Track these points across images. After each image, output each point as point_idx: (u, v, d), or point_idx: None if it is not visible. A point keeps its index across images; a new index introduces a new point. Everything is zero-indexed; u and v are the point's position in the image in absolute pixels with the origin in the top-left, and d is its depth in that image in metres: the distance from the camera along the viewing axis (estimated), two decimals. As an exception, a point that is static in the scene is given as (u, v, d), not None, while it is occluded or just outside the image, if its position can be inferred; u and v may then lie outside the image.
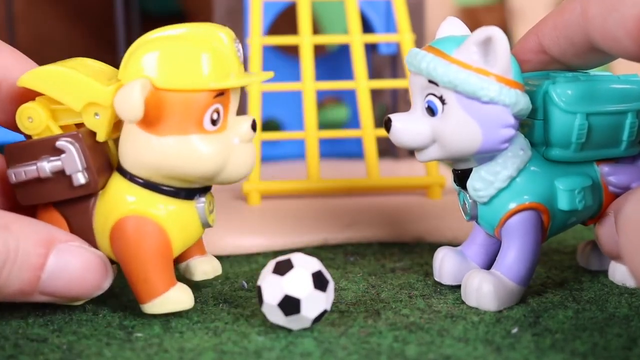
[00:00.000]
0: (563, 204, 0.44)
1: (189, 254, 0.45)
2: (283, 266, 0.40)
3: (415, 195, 0.59)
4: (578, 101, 0.43)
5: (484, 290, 0.43)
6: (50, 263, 0.40)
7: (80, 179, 0.41)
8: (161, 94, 0.39)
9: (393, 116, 0.43)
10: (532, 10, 1.01)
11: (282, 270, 0.39)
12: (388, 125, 0.43)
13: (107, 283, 0.42)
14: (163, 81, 0.39)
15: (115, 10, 0.72)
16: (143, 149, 0.40)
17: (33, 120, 0.41)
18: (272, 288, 0.39)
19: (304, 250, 0.53)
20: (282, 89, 0.62)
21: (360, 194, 0.59)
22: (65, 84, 0.41)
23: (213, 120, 0.40)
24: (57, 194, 0.41)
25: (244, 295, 0.45)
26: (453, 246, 0.47)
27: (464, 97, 0.41)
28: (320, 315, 0.40)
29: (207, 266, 0.45)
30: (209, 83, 0.39)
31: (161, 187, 0.41)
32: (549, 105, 0.43)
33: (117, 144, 0.41)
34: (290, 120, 0.75)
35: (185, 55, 0.39)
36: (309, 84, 0.60)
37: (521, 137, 0.43)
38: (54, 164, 0.41)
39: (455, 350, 0.38)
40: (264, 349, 0.39)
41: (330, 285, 0.40)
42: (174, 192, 0.41)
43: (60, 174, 0.41)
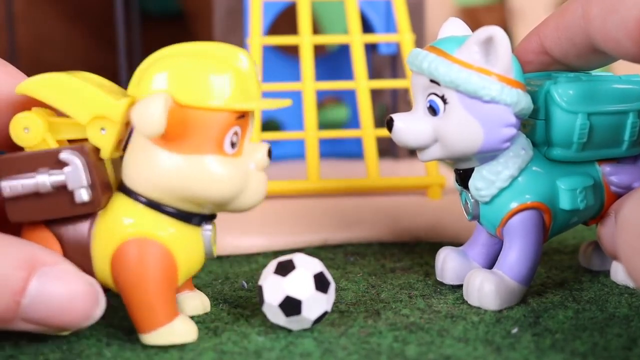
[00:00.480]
0: (565, 203, 0.44)
1: (179, 289, 0.42)
2: (285, 267, 0.39)
3: (415, 195, 0.59)
4: (579, 101, 0.43)
5: (485, 290, 0.43)
6: (31, 288, 0.36)
7: (83, 195, 0.38)
8: (183, 111, 0.37)
9: (395, 116, 0.43)
10: (532, 10, 1.01)
11: (284, 270, 0.39)
12: (390, 124, 0.43)
13: (98, 312, 0.38)
14: (186, 97, 0.37)
15: (115, 10, 0.72)
16: (156, 166, 0.38)
17: (30, 131, 0.38)
18: (274, 288, 0.39)
19: (304, 251, 0.53)
20: (282, 89, 0.62)
21: (360, 194, 0.59)
22: (72, 93, 0.38)
23: (232, 143, 0.38)
24: (56, 210, 0.38)
25: (244, 295, 0.45)
26: (454, 246, 0.48)
27: (465, 97, 0.41)
28: (321, 317, 0.40)
29: (197, 301, 0.43)
30: (233, 103, 0.38)
31: (168, 210, 0.39)
32: (550, 105, 0.43)
33: (115, 163, 0.40)
34: (290, 120, 0.75)
35: (210, 73, 0.38)
36: (309, 84, 0.60)
37: (523, 137, 0.43)
38: (56, 178, 0.38)
39: (455, 350, 0.38)
40: (264, 349, 0.39)
41: (332, 287, 0.40)
42: (181, 216, 0.39)
43: (61, 189, 0.38)
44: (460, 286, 0.46)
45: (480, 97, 0.41)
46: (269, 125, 0.77)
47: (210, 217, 0.40)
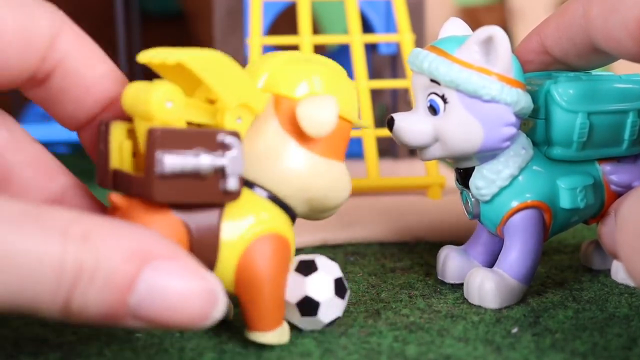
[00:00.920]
0: (565, 202, 0.44)
1: None
2: (307, 266, 0.39)
3: (415, 195, 0.59)
4: (579, 100, 0.43)
5: (486, 288, 0.43)
6: (141, 283, 0.33)
7: (233, 183, 0.35)
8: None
9: (396, 115, 0.43)
10: (532, 10, 1.01)
11: (306, 270, 0.39)
12: (391, 124, 0.43)
13: (218, 313, 0.34)
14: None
15: (115, 10, 0.72)
16: (296, 164, 0.38)
17: (173, 105, 0.35)
18: (294, 286, 0.39)
19: (304, 251, 0.53)
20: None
21: (360, 194, 0.59)
22: (230, 75, 0.36)
23: None
24: (203, 195, 0.35)
25: (244, 295, 0.45)
26: (454, 245, 0.48)
27: (465, 96, 0.41)
28: (333, 321, 0.40)
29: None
30: (356, 118, 0.40)
31: (289, 208, 0.38)
32: (550, 105, 0.43)
33: None
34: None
35: (351, 87, 0.40)
36: (309, 84, 0.60)
37: (523, 136, 0.44)
38: (217, 160, 0.35)
39: (455, 350, 0.38)
40: (264, 348, 0.39)
41: (348, 294, 0.40)
42: (292, 215, 0.39)
43: (216, 173, 0.35)
44: (460, 286, 0.46)
45: (480, 97, 0.41)
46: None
47: None
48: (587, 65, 0.44)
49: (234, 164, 0.35)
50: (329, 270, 0.39)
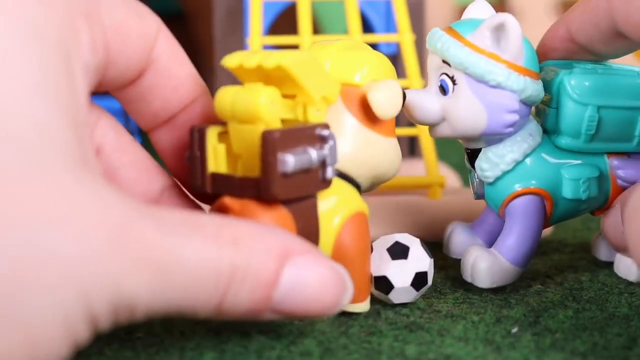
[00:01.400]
0: (567, 192, 0.45)
1: None
2: (399, 251, 0.42)
3: (415, 195, 0.59)
4: (591, 93, 0.44)
5: (478, 267, 0.44)
6: (284, 279, 0.35)
7: (330, 172, 0.38)
8: None
9: (408, 91, 0.44)
10: (532, 10, 1.01)
11: (396, 254, 0.42)
12: (403, 100, 0.44)
13: (346, 299, 0.37)
14: None
15: (116, 10, 0.72)
16: (367, 146, 0.41)
17: (274, 106, 0.38)
18: (380, 263, 0.42)
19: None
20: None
21: (360, 193, 0.59)
22: (314, 70, 0.39)
23: None
24: (310, 187, 0.38)
25: (244, 295, 0.45)
26: (461, 222, 0.49)
27: (473, 80, 0.42)
28: (421, 277, 0.43)
29: None
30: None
31: (358, 185, 0.41)
32: (562, 95, 0.44)
33: None
34: (290, 120, 0.75)
35: (394, 71, 0.42)
36: (309, 84, 0.60)
37: (533, 123, 0.44)
38: (321, 153, 0.38)
39: (455, 349, 0.38)
40: (265, 348, 0.39)
41: (427, 287, 0.43)
42: (360, 192, 0.42)
43: (319, 165, 0.38)
44: (460, 285, 0.46)
45: (487, 82, 0.42)
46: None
47: None
48: (612, 51, 0.45)
49: (332, 154, 0.38)
50: (417, 260, 0.42)
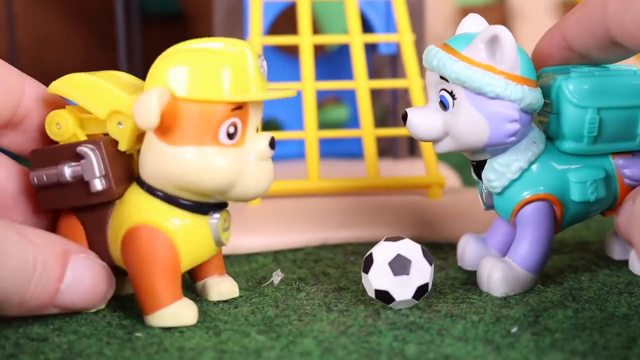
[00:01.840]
0: (575, 195, 0.45)
1: (207, 273, 0.45)
2: (399, 265, 0.41)
3: (415, 195, 0.59)
4: (589, 96, 0.44)
5: (493, 277, 0.44)
6: (67, 275, 0.40)
7: (97, 185, 0.41)
8: (179, 104, 0.39)
9: (409, 110, 0.45)
10: (532, 10, 1.01)
11: (397, 269, 0.41)
12: (405, 118, 0.45)
13: (111, 293, 0.42)
14: (182, 91, 0.39)
15: (115, 10, 0.72)
16: (159, 158, 0.40)
17: (61, 127, 0.42)
18: (381, 275, 0.41)
19: (304, 250, 0.53)
20: (282, 88, 0.62)
21: (360, 193, 0.59)
22: (91, 91, 0.41)
23: (229, 134, 0.40)
24: (76, 199, 0.42)
25: (244, 295, 0.45)
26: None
27: (471, 93, 0.43)
28: (422, 288, 0.42)
29: (224, 287, 0.44)
30: (226, 95, 0.39)
31: (175, 200, 0.41)
32: (561, 100, 0.44)
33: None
34: (290, 120, 0.75)
35: (205, 67, 0.39)
36: (309, 84, 0.60)
37: (535, 130, 0.45)
38: (74, 169, 0.41)
39: (454, 349, 0.38)
40: (264, 348, 0.39)
41: (424, 296, 0.42)
42: (187, 206, 0.41)
43: (79, 180, 0.41)
44: (460, 286, 0.46)
45: (486, 94, 0.42)
46: (269, 125, 0.77)
47: (219, 206, 0.42)
48: (608, 58, 0.45)
49: (88, 169, 0.41)
50: (418, 274, 0.42)
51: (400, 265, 0.41)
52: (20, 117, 0.43)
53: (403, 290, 0.42)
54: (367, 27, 0.68)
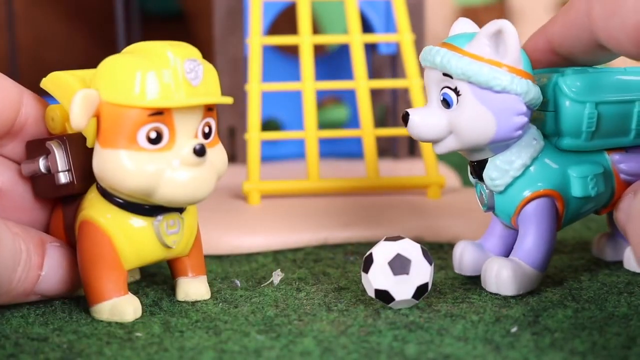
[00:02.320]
0: (576, 190, 0.45)
1: (179, 272, 0.45)
2: (399, 265, 0.41)
3: (415, 195, 0.59)
4: (587, 91, 0.44)
5: (503, 276, 0.44)
6: (46, 262, 0.43)
7: (61, 178, 0.43)
8: (103, 107, 0.40)
9: (410, 110, 0.44)
10: (532, 10, 1.01)
11: (397, 269, 0.41)
12: (406, 119, 0.44)
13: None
14: (104, 94, 0.40)
15: (115, 10, 0.72)
16: (95, 158, 0.41)
17: (54, 120, 0.43)
18: (381, 274, 0.41)
19: (304, 250, 0.53)
20: (282, 88, 0.62)
21: (360, 193, 0.59)
22: (66, 89, 0.42)
23: (151, 139, 0.40)
24: (49, 191, 0.43)
25: (244, 295, 0.45)
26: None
27: (477, 88, 0.42)
28: (422, 288, 0.42)
29: (192, 288, 0.44)
30: (140, 101, 0.39)
31: (111, 198, 0.42)
32: (559, 97, 0.45)
33: None
34: (290, 120, 0.75)
35: (123, 72, 0.40)
36: (308, 84, 0.60)
37: (533, 128, 0.45)
38: (45, 162, 0.43)
39: (454, 349, 0.38)
40: (264, 348, 0.39)
41: (423, 296, 0.42)
42: (122, 205, 0.42)
43: (50, 172, 0.43)
44: (460, 285, 0.46)
45: (492, 88, 0.42)
46: (269, 124, 0.77)
47: (166, 209, 0.42)
48: (593, 61, 0.46)
49: (53, 163, 0.42)
50: (418, 274, 0.42)
51: (400, 265, 0.41)
52: (19, 127, 0.44)
53: (403, 289, 0.42)
54: (367, 27, 0.68)
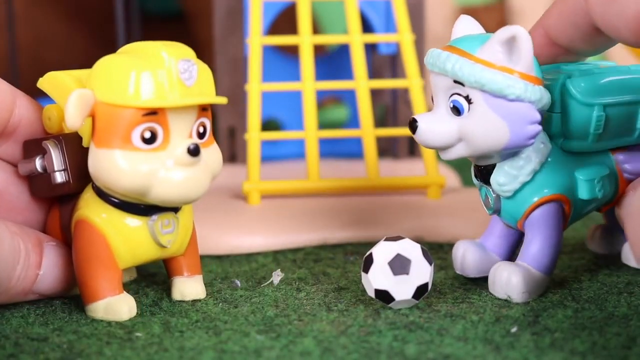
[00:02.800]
0: (583, 193, 0.45)
1: (175, 272, 0.45)
2: (399, 265, 0.41)
3: (415, 195, 0.59)
4: (595, 93, 0.44)
5: (513, 282, 0.43)
6: (44, 261, 0.43)
7: (57, 178, 0.43)
8: (98, 107, 0.40)
9: (418, 117, 0.43)
10: (532, 10, 1.01)
11: (398, 269, 0.41)
12: (413, 126, 0.43)
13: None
14: (98, 94, 0.40)
15: (115, 10, 0.72)
16: (90, 157, 0.41)
17: (51, 120, 0.43)
18: (381, 273, 0.41)
19: (304, 250, 0.53)
20: (282, 88, 0.62)
21: (360, 193, 0.59)
22: (61, 88, 0.42)
23: (145, 139, 0.40)
24: (44, 190, 0.44)
25: (243, 295, 0.45)
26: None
27: (490, 96, 0.42)
28: (422, 288, 0.42)
29: (188, 288, 0.45)
30: (134, 101, 0.39)
31: (107, 197, 0.42)
32: (567, 99, 0.44)
33: None
34: (290, 120, 0.75)
35: (117, 72, 0.40)
36: (309, 84, 0.60)
37: (541, 131, 0.44)
38: (42, 162, 0.43)
39: (454, 349, 0.38)
40: (264, 348, 0.39)
41: (424, 296, 0.42)
42: (117, 204, 0.42)
43: (45, 172, 0.43)
44: (459, 285, 0.46)
45: (506, 96, 0.41)
46: (269, 124, 0.77)
47: (161, 208, 0.42)
48: (593, 48, 0.45)
49: (50, 163, 0.43)
50: (418, 274, 0.41)
51: (400, 265, 0.41)
52: (12, 128, 0.44)
53: (403, 289, 0.42)
54: (367, 27, 0.68)
